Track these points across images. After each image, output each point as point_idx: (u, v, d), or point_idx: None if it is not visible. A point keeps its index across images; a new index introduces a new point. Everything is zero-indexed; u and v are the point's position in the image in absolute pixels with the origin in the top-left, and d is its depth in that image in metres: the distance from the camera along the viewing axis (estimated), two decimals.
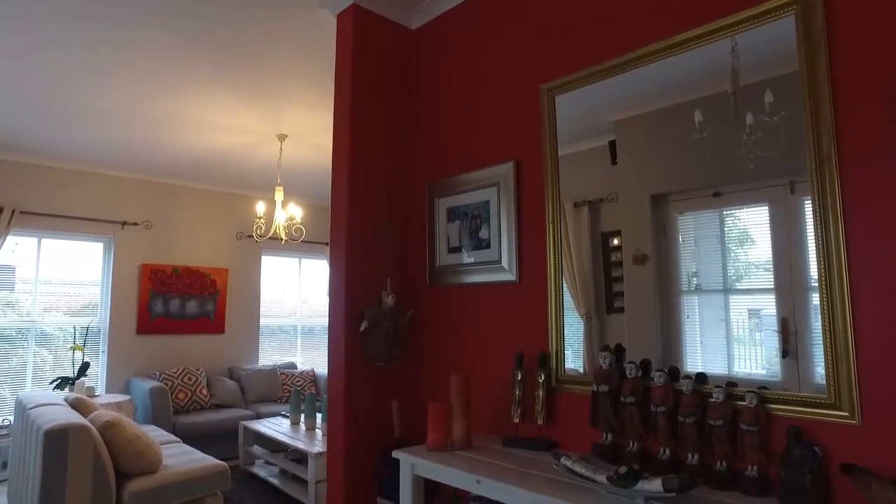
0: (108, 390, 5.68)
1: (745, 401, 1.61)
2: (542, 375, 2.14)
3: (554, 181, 2.22)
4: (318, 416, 4.76)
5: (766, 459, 1.57)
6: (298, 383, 6.25)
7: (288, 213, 4.56)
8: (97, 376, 5.70)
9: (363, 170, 2.69)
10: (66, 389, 5.00)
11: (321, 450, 3.98)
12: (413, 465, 2.02)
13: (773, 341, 1.65)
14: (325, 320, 7.60)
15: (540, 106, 2.30)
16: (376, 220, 2.69)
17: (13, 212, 5.16)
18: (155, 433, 4.33)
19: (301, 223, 4.62)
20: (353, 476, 2.52)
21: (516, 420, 2.17)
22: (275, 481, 4.45)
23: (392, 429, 2.61)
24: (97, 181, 5.73)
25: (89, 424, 3.17)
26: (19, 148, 5.07)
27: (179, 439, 4.30)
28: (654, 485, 1.44)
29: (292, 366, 6.66)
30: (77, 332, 5.54)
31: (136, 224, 5.92)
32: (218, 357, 6.38)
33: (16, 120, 4.35)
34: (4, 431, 4.82)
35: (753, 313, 1.74)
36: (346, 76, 2.71)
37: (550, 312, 2.19)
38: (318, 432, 4.53)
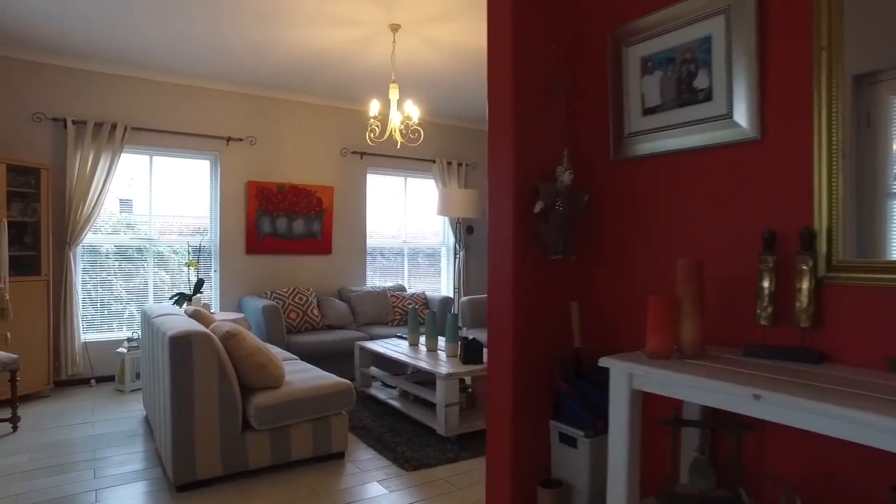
0: (222, 308, 5.62)
1: None
2: (809, 261, 1.52)
3: None
4: (441, 338, 4.40)
5: None
6: (409, 305, 5.94)
7: (404, 113, 4.05)
8: (210, 295, 5.64)
9: (528, 12, 2.08)
10: (184, 305, 4.93)
11: (450, 370, 3.60)
12: (632, 375, 1.50)
13: None
14: (432, 243, 7.35)
15: None
16: (547, 73, 2.09)
17: (126, 128, 5.02)
18: (273, 350, 4.12)
19: (418, 124, 4.11)
20: (520, 394, 2.05)
21: (764, 322, 1.59)
22: (395, 403, 4.17)
23: (569, 337, 2.10)
24: (201, 96, 5.48)
25: (211, 333, 2.91)
26: (126, 61, 4.85)
27: (296, 357, 4.07)
28: None
29: (401, 288, 6.36)
30: (190, 249, 5.45)
31: (240, 140, 5.67)
32: (326, 278, 6.18)
33: (120, 31, 4.07)
34: (135, 344, 4.83)
35: None
36: None
37: (819, 175, 1.55)
38: (441, 354, 4.17)
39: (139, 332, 5.04)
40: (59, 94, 4.87)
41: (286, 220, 5.87)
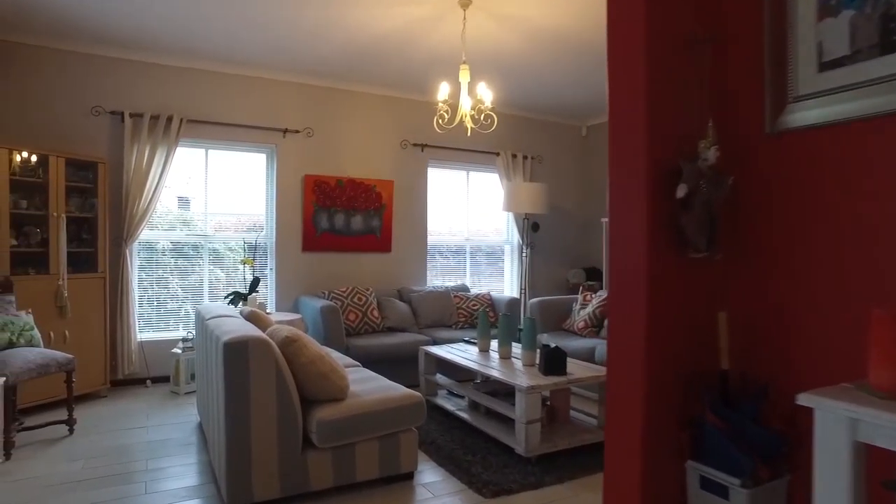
0: (278, 308, 5.39)
1: None
2: None
3: None
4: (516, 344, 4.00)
5: None
6: (474, 307, 5.55)
7: (476, 96, 3.66)
8: (266, 294, 5.41)
9: None
10: (240, 305, 4.71)
11: (532, 383, 3.19)
12: (856, 421, 1.06)
13: None
14: (494, 241, 6.95)
15: None
16: (686, 22, 1.66)
17: (181, 120, 4.83)
18: (333, 355, 3.82)
19: (491, 109, 3.71)
20: (652, 425, 1.63)
21: None
22: (464, 415, 3.79)
23: (713, 355, 1.67)
24: (258, 86, 5.26)
25: (269, 339, 2.60)
26: (182, 51, 4.66)
27: (358, 363, 3.75)
28: None
29: (464, 288, 5.98)
30: (246, 246, 5.24)
31: (297, 132, 5.41)
32: (386, 277, 5.87)
33: (177, 19, 3.85)
34: (190, 345, 4.64)
35: None
36: None
37: None
38: (516, 362, 3.76)
39: (194, 332, 4.85)
40: (116, 87, 4.73)
41: (344, 216, 5.58)
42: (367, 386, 3.06)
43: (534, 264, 6.63)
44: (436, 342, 4.96)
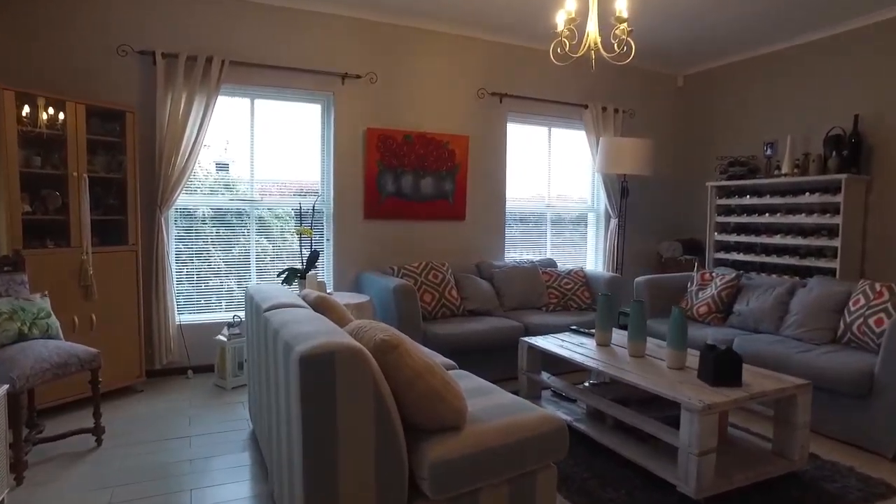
0: (337, 287, 4.60)
1: None
2: None
3: None
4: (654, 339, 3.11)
5: None
6: (567, 286, 4.67)
7: (617, 12, 2.68)
8: (322, 270, 4.62)
9: None
10: (295, 284, 3.93)
11: (707, 400, 2.31)
12: None
13: None
14: (579, 208, 5.95)
15: None
16: None
17: (223, 62, 4.00)
18: (433, 357, 3.00)
19: (631, 29, 2.74)
20: None
21: None
22: (583, 428, 2.95)
23: None
24: (312, 23, 4.38)
25: (364, 348, 1.77)
26: None
27: (454, 363, 2.93)
28: None
29: (551, 263, 5.09)
30: (299, 214, 4.43)
31: (358, 77, 4.54)
32: (460, 250, 5.02)
33: None
34: (236, 331, 3.90)
35: None
36: None
37: None
38: (660, 364, 2.88)
39: (241, 315, 4.11)
40: (146, 22, 3.91)
41: (412, 178, 4.72)
42: (484, 402, 2.23)
43: (626, 236, 5.68)
44: (528, 329, 4.11)
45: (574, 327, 3.62)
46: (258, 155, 4.36)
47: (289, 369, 1.74)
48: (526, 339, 3.42)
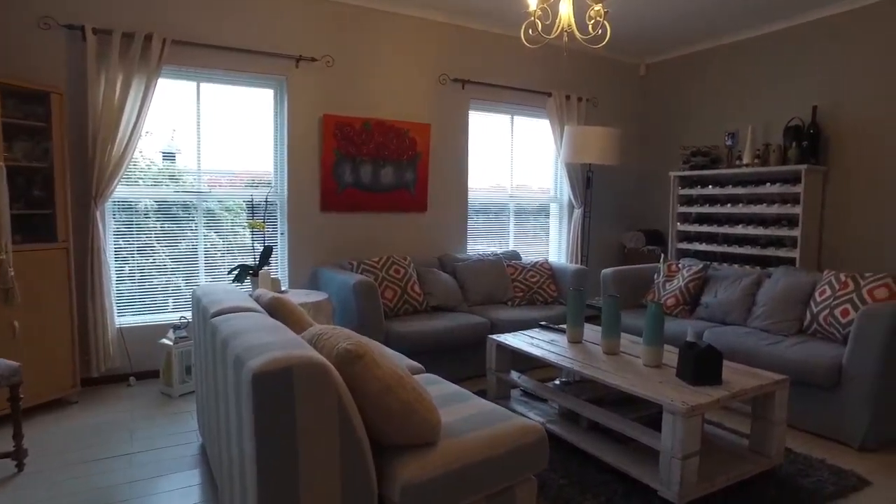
0: (292, 284, 4.34)
1: None
2: None
3: None
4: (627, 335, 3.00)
5: None
6: (533, 279, 4.54)
7: None
8: (276, 266, 4.35)
9: None
10: (248, 281, 3.66)
11: (690, 401, 2.20)
12: None
13: None
14: (541, 198, 5.80)
15: None
16: None
17: (164, 41, 3.66)
18: (400, 361, 2.81)
19: (607, 11, 2.58)
20: None
21: None
22: (556, 430, 2.82)
23: None
24: (264, 1, 4.06)
25: (326, 361, 1.56)
26: None
27: (422, 367, 2.74)
28: None
29: (515, 255, 4.96)
30: (251, 206, 4.14)
31: (313, 60, 4.26)
32: (422, 243, 4.83)
33: None
34: (183, 334, 3.61)
35: None
36: None
37: None
38: (635, 362, 2.78)
39: (188, 316, 3.81)
40: None
41: (372, 167, 4.49)
42: (458, 412, 2.06)
43: (590, 227, 5.60)
44: (494, 326, 3.96)
45: (543, 323, 3.50)
46: (206, 143, 4.04)
47: (240, 387, 1.51)
48: (494, 336, 3.27)
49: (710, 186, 5.05)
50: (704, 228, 5.09)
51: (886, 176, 4.21)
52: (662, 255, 4.85)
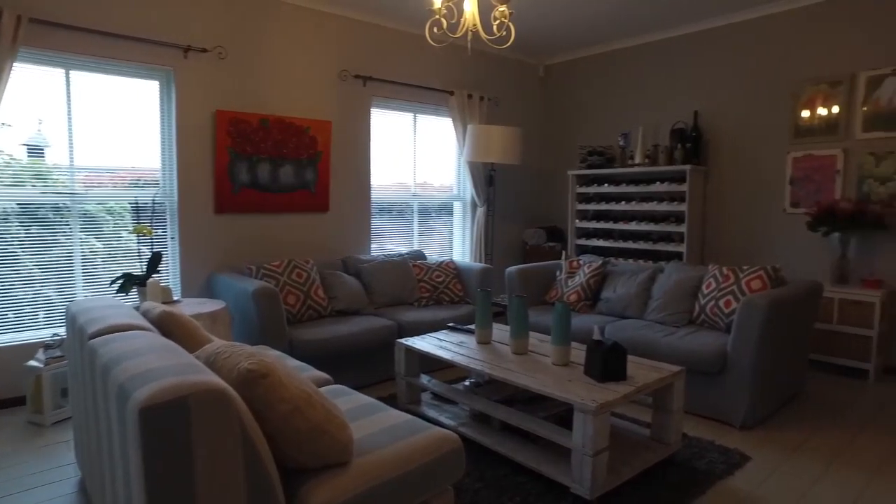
0: (185, 293, 4.03)
1: None
2: None
3: None
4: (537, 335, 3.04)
5: None
6: (439, 279, 4.52)
7: None
8: (167, 273, 4.02)
9: None
10: (134, 292, 3.34)
11: (599, 399, 2.26)
12: None
13: None
14: (444, 197, 5.78)
15: None
16: None
17: (19, 18, 3.23)
18: (307, 374, 2.66)
19: (510, 14, 2.59)
20: None
21: None
22: (468, 433, 2.82)
23: None
24: None
25: (226, 385, 1.42)
26: None
27: (330, 377, 2.62)
28: None
29: (420, 255, 4.92)
30: (136, 209, 3.79)
31: (204, 51, 3.96)
32: (325, 244, 4.66)
33: None
34: (57, 353, 3.22)
35: None
36: None
37: None
38: (544, 361, 2.82)
39: (62, 333, 3.42)
40: None
41: (270, 167, 4.26)
42: (370, 426, 1.97)
43: (493, 226, 5.68)
44: (402, 328, 3.90)
45: (451, 324, 3.48)
46: (80, 137, 3.64)
47: (126, 423, 1.34)
48: (402, 340, 3.21)
49: (606, 185, 5.29)
50: (601, 225, 5.32)
51: (749, 176, 4.64)
52: (564, 252, 5.02)
